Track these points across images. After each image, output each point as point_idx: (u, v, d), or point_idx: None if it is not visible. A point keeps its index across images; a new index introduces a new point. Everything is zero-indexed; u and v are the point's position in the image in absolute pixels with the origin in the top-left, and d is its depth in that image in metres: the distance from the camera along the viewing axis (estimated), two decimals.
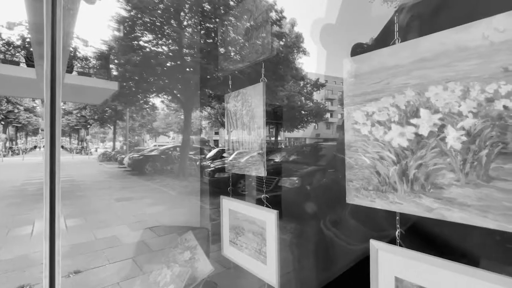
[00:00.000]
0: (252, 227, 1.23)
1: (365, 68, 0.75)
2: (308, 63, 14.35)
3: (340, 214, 2.91)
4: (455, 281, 0.60)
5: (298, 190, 2.80)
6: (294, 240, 2.70)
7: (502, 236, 1.79)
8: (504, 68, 0.52)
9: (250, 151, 1.22)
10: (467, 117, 0.56)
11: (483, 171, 0.54)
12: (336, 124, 22.80)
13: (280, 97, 8.27)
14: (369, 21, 1.17)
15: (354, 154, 0.78)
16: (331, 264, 3.04)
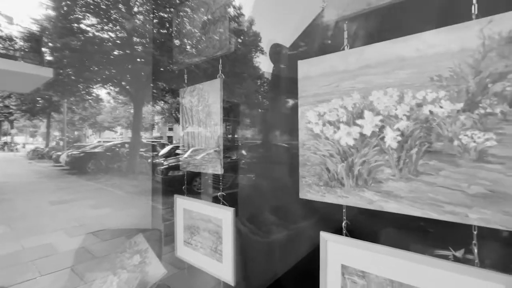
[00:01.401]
0: (208, 226, 1.21)
1: (317, 70, 0.79)
2: (265, 62, 14.74)
3: (293, 208, 3.04)
4: (390, 264, 0.68)
5: (254, 187, 2.85)
6: (251, 236, 2.74)
7: (425, 222, 2.07)
8: (430, 78, 0.60)
9: (206, 148, 1.19)
10: (402, 119, 0.64)
11: (413, 167, 0.62)
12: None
13: (238, 94, 8.26)
14: (314, 27, 1.25)
15: (307, 152, 0.82)
16: (286, 256, 3.17)
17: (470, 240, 0.61)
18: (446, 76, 0.58)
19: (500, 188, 0.52)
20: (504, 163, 0.52)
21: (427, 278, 0.62)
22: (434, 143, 0.60)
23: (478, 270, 0.57)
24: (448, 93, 0.58)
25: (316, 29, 1.83)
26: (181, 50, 1.39)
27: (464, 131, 0.56)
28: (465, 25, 0.56)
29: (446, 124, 0.58)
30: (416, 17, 0.75)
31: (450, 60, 0.58)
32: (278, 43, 2.21)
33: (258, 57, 9.62)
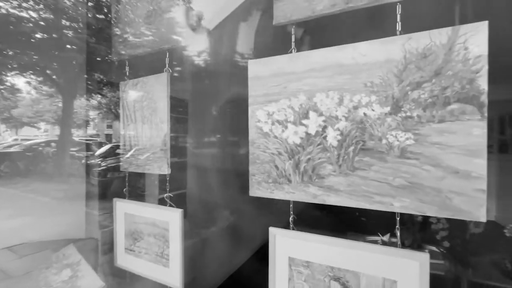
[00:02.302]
0: (153, 230, 1.13)
1: (267, 71, 0.81)
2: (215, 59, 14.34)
3: (243, 206, 3.06)
4: (330, 253, 0.74)
5: (205, 187, 2.78)
6: (200, 236, 2.67)
7: (360, 212, 2.33)
8: (364, 84, 0.68)
9: (151, 147, 1.11)
10: (341, 120, 0.70)
11: (350, 163, 0.69)
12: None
13: (187, 91, 7.91)
14: (263, 30, 1.28)
15: (257, 150, 0.83)
16: (237, 254, 3.17)
17: (394, 226, 0.71)
18: (377, 83, 0.66)
19: (416, 180, 0.62)
20: (419, 158, 0.62)
21: (360, 261, 0.70)
22: (367, 141, 0.67)
23: (400, 250, 0.66)
24: (378, 98, 0.66)
25: (266, 32, 1.88)
26: (123, 40, 1.26)
27: (390, 131, 0.65)
28: (391, 39, 0.65)
29: (377, 125, 0.66)
30: (353, 28, 0.83)
31: (379, 69, 0.66)
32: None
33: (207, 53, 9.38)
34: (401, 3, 0.65)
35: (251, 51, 2.42)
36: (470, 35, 0.57)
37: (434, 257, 1.43)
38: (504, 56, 2.53)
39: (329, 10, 0.72)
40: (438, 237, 1.61)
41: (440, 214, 0.60)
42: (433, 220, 1.68)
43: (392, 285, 0.66)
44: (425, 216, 1.72)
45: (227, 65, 3.05)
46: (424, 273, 0.64)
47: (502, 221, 1.52)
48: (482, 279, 1.76)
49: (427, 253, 0.64)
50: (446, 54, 0.60)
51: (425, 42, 0.61)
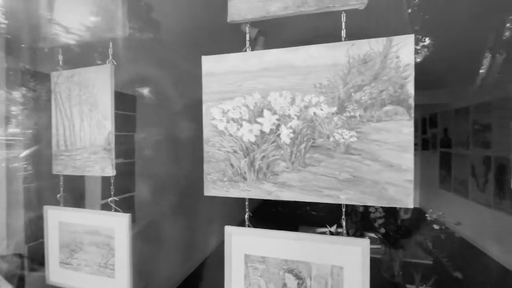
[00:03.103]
0: (96, 239, 1.02)
1: (221, 68, 0.80)
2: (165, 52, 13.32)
3: (199, 207, 2.98)
4: (284, 246, 0.77)
5: (156, 189, 2.62)
6: (151, 241, 2.51)
7: (311, 206, 2.46)
8: (314, 85, 0.72)
9: (91, 147, 1.00)
10: (294, 118, 0.74)
11: (302, 160, 0.73)
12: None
13: (137, 85, 7.31)
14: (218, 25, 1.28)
15: (212, 148, 0.82)
16: (193, 255, 3.07)
17: (340, 217, 0.77)
18: (325, 84, 0.71)
19: (359, 174, 0.68)
20: (361, 154, 0.68)
21: (311, 252, 0.74)
22: (317, 139, 0.72)
23: (345, 239, 0.73)
24: (326, 98, 0.71)
25: (221, 28, 1.85)
26: (55, 24, 1.11)
27: (337, 130, 0.70)
28: (337, 44, 0.70)
29: (325, 124, 0.71)
30: (305, 31, 0.88)
31: (327, 72, 0.71)
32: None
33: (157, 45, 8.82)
34: (345, 12, 0.71)
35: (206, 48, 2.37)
36: (401, 46, 0.66)
37: (373, 242, 1.59)
38: (427, 67, 2.94)
39: (282, 12, 0.74)
40: (376, 225, 1.82)
41: (378, 203, 0.67)
42: (372, 210, 1.88)
43: (339, 271, 0.72)
44: (366, 206, 1.92)
45: (179, 59, 2.92)
46: (365, 257, 0.71)
47: (424, 207, 1.78)
48: (410, 258, 2.04)
49: (367, 239, 0.72)
50: (382, 61, 0.67)
51: (365, 49, 0.68)
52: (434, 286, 1.52)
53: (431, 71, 3.44)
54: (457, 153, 4.63)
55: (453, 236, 1.61)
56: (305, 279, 0.76)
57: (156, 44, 2.49)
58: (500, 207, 3.57)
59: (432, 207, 1.66)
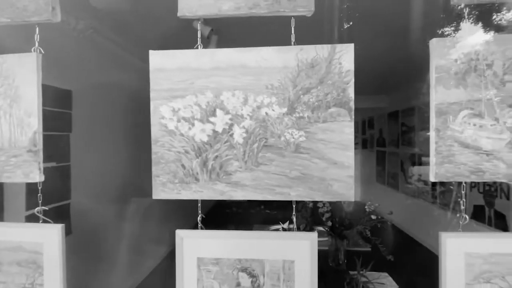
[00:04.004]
0: (18, 256, 0.87)
1: (172, 64, 0.76)
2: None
3: (148, 211, 2.80)
4: (238, 246, 0.77)
5: (98, 195, 2.36)
6: (92, 253, 2.26)
7: (264, 205, 2.52)
8: (266, 86, 0.74)
9: (11, 148, 0.85)
10: (246, 118, 0.74)
11: (255, 159, 0.74)
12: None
13: (73, 78, 6.43)
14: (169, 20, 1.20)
15: (161, 149, 0.77)
16: (141, 265, 2.85)
17: (292, 213, 0.81)
18: (276, 85, 0.73)
19: (307, 171, 0.72)
20: (309, 153, 0.72)
21: (264, 249, 0.76)
22: (269, 139, 0.74)
23: (295, 233, 0.76)
24: (277, 99, 0.73)
25: (172, 23, 1.77)
26: None
27: (287, 130, 0.73)
28: (287, 48, 0.73)
29: (276, 124, 0.74)
30: (258, 33, 0.89)
31: (278, 74, 0.73)
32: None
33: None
34: (294, 17, 0.74)
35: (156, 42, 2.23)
36: (343, 53, 0.72)
37: (321, 235, 1.69)
38: (366, 75, 3.28)
39: (234, 12, 0.74)
40: (324, 219, 1.95)
41: (324, 198, 0.72)
42: (320, 205, 2.02)
43: (290, 265, 0.75)
44: (315, 202, 2.05)
45: (124, 52, 2.70)
46: (313, 249, 0.75)
47: (364, 200, 1.99)
48: (353, 247, 2.25)
49: (315, 233, 0.77)
50: (327, 66, 0.72)
51: (312, 54, 0.72)
52: (372, 269, 1.71)
53: (369, 78, 3.86)
54: (390, 151, 5.28)
55: (386, 224, 1.84)
56: (258, 276, 0.77)
57: (98, 35, 2.25)
58: (422, 197, 4.20)
59: (370, 199, 1.87)
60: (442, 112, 0.73)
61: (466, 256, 0.71)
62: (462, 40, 0.73)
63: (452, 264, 0.71)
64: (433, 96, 0.73)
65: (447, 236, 0.72)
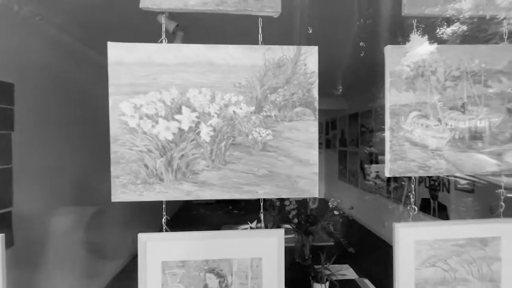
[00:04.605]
0: None
1: (133, 58, 0.72)
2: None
3: (105, 216, 2.61)
4: (205, 247, 0.75)
5: (43, 199, 2.13)
6: (39, 265, 2.03)
7: (232, 205, 2.49)
8: (233, 84, 0.73)
9: None
10: (214, 116, 0.73)
11: (222, 158, 0.73)
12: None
13: (14, 69, 5.69)
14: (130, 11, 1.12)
15: (121, 148, 0.72)
16: (98, 274, 2.64)
17: (259, 213, 0.81)
18: (244, 84, 0.73)
19: (274, 169, 0.74)
20: (276, 151, 0.74)
21: (232, 248, 0.76)
22: (237, 137, 0.74)
23: (262, 231, 0.77)
24: (245, 98, 0.73)
25: (133, 14, 1.67)
26: None
27: (255, 128, 0.74)
28: (255, 47, 0.74)
29: (244, 122, 0.74)
30: (226, 31, 0.88)
31: (246, 72, 0.73)
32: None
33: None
34: (262, 18, 0.75)
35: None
36: (308, 55, 0.74)
37: (287, 232, 1.73)
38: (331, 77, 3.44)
39: (201, 8, 0.73)
40: (290, 216, 2.01)
41: (290, 195, 0.74)
42: (287, 203, 2.07)
43: (258, 262, 0.76)
44: (282, 200, 2.10)
45: (76, 43, 2.48)
46: (281, 246, 0.77)
47: (327, 197, 2.09)
48: (318, 242, 2.35)
49: (282, 229, 0.78)
50: (293, 67, 0.74)
51: (279, 54, 0.74)
52: (335, 262, 1.80)
53: (332, 81, 4.07)
54: (350, 150, 5.62)
55: (348, 218, 1.96)
56: (226, 276, 0.76)
57: (46, 22, 2.03)
58: (378, 192, 4.55)
59: (333, 196, 1.98)
60: (395, 113, 0.79)
61: (415, 244, 0.79)
62: (412, 49, 0.81)
63: (404, 251, 0.78)
64: (387, 99, 0.79)
65: (399, 226, 0.79)
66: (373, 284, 1.75)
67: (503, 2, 1.12)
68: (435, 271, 0.79)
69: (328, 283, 1.54)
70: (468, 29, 3.48)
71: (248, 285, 0.76)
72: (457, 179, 3.15)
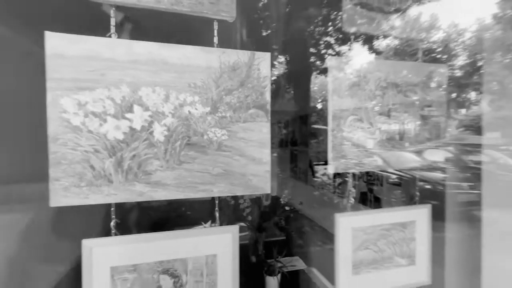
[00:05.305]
0: None
1: (77, 51, 0.67)
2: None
3: (41, 222, 2.33)
4: (158, 248, 0.74)
5: None
6: None
7: (186, 207, 2.41)
8: (188, 84, 0.74)
9: None
10: (168, 116, 0.73)
11: (177, 157, 0.73)
12: None
13: None
14: None
15: (62, 148, 0.67)
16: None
17: (213, 213, 0.83)
18: (199, 85, 0.75)
19: (229, 168, 0.77)
20: (231, 150, 0.77)
21: (186, 247, 0.76)
22: (192, 137, 0.74)
23: (216, 228, 0.79)
24: (200, 98, 0.75)
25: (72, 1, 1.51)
26: None
27: (210, 128, 0.75)
28: (210, 49, 0.76)
29: (199, 123, 0.75)
30: (180, 30, 0.87)
31: (201, 73, 0.75)
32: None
33: None
34: (218, 21, 0.77)
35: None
36: (261, 60, 0.79)
37: (242, 230, 1.79)
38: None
39: (154, 5, 0.71)
40: (245, 214, 2.06)
41: (245, 192, 0.78)
42: (241, 201, 2.11)
43: (213, 259, 0.78)
44: (236, 200, 2.13)
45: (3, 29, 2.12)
46: (235, 241, 0.80)
47: (279, 194, 2.20)
48: (271, 238, 2.45)
49: (237, 226, 0.82)
50: (248, 71, 0.78)
51: (234, 58, 0.77)
52: (286, 255, 1.91)
53: (284, 85, 4.27)
54: (301, 150, 5.98)
55: (297, 213, 2.09)
56: (181, 276, 0.76)
57: None
58: (326, 188, 4.95)
59: (285, 193, 2.10)
60: (336, 117, 0.90)
61: (352, 230, 0.90)
62: (350, 61, 0.93)
63: (343, 237, 0.89)
64: (330, 103, 0.89)
65: (339, 216, 0.90)
66: (320, 272, 1.92)
67: (425, 23, 1.36)
68: (368, 253, 0.92)
69: (280, 275, 1.63)
70: (399, 43, 4.00)
71: (204, 282, 0.77)
72: (388, 174, 3.63)
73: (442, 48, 8.27)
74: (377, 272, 0.93)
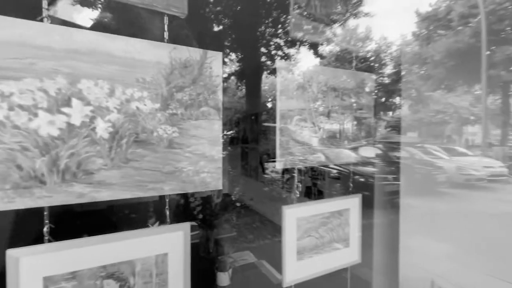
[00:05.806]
0: None
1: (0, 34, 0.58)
2: None
3: None
4: (101, 252, 0.70)
5: None
6: None
7: (129, 209, 2.26)
8: (136, 79, 0.71)
9: None
10: (113, 112, 0.68)
11: (123, 155, 0.70)
12: None
13: None
14: None
15: None
16: None
17: (162, 214, 0.81)
18: (148, 80, 0.72)
19: (180, 165, 0.76)
20: (182, 148, 0.76)
21: (133, 249, 0.73)
22: (140, 134, 0.72)
23: (167, 226, 0.78)
24: (150, 94, 0.72)
25: None
26: None
27: (160, 125, 0.74)
28: (160, 44, 0.74)
29: (149, 119, 0.72)
30: (126, 22, 0.82)
31: (151, 68, 0.72)
32: None
33: None
34: (168, 16, 0.76)
35: None
36: (213, 59, 0.81)
37: (193, 229, 1.76)
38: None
39: None
40: (195, 212, 2.03)
41: (196, 189, 0.79)
42: (192, 200, 2.08)
43: (163, 258, 0.77)
44: (187, 199, 2.08)
45: None
46: (187, 239, 0.80)
47: (231, 191, 2.24)
48: (222, 234, 2.47)
49: (188, 223, 0.82)
50: (199, 69, 0.79)
51: (186, 55, 0.77)
52: (237, 251, 1.96)
53: (236, 83, 4.30)
54: (251, 147, 6.11)
55: (248, 209, 2.16)
56: (127, 279, 0.73)
57: None
58: (275, 184, 5.17)
59: (236, 190, 2.14)
60: (284, 116, 0.97)
61: (297, 220, 0.99)
62: (297, 65, 1.01)
63: (288, 227, 0.97)
64: (278, 104, 0.95)
65: (286, 208, 0.97)
66: (269, 263, 2.02)
67: (361, 34, 1.55)
68: (310, 240, 1.03)
69: (231, 270, 1.67)
70: (340, 50, 4.38)
71: (153, 283, 0.75)
72: (329, 169, 3.98)
73: (375, 57, 9.41)
74: (318, 256, 1.04)
